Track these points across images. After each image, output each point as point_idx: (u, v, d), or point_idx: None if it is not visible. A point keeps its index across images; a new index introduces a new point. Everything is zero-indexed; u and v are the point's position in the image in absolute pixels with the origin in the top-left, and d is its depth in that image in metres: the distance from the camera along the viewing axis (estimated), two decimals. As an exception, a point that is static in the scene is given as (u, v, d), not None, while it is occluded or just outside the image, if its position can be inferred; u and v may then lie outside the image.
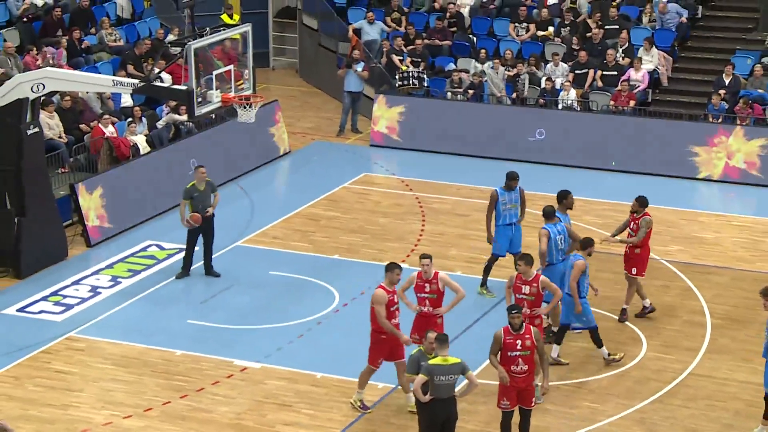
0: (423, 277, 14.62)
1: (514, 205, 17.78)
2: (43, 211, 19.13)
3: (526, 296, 14.67)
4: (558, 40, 26.32)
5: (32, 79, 18.41)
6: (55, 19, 24.88)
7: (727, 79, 24.25)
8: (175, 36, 24.51)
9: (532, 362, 13.29)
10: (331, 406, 14.86)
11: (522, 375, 13.26)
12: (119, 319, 17.36)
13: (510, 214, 17.78)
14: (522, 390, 13.35)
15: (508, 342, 13.23)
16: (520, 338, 13.18)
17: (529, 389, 13.40)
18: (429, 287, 14.60)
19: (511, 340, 13.21)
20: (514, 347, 13.20)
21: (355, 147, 25.33)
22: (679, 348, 16.24)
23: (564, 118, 24.37)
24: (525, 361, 13.23)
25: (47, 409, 14.81)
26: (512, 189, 17.76)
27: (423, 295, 14.66)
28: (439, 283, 14.57)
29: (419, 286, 14.66)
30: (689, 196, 22.45)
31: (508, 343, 13.23)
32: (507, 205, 17.76)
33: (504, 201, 17.73)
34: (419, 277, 14.65)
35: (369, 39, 27.02)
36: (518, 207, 17.80)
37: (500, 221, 17.71)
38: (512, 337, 13.20)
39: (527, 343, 13.18)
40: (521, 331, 13.21)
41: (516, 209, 17.80)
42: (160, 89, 19.51)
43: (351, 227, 20.83)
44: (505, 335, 13.26)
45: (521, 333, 13.20)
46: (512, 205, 17.77)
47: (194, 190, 18.28)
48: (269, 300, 17.95)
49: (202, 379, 15.51)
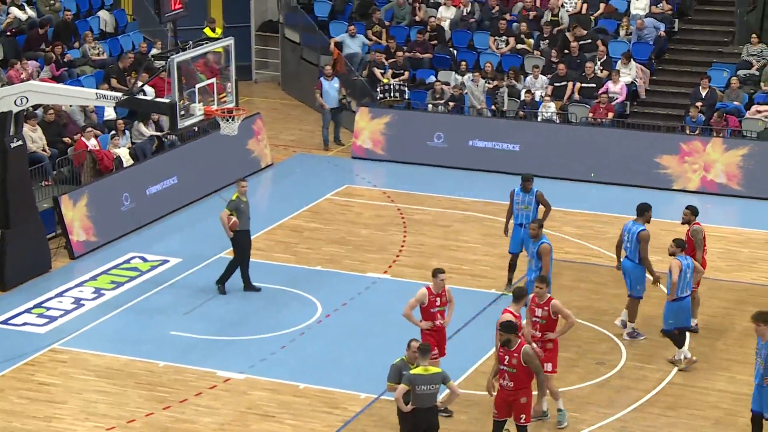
0: (434, 291, 14.70)
1: (527, 207, 18.00)
2: (26, 224, 19.20)
3: (539, 319, 14.52)
4: (537, 53, 26.57)
5: (16, 92, 18.49)
6: (39, 33, 24.95)
7: (704, 92, 24.53)
8: (158, 49, 24.62)
9: (518, 380, 13.30)
10: (313, 417, 14.96)
11: (508, 390, 13.40)
12: (103, 330, 17.43)
13: (522, 214, 18.01)
14: (512, 403, 13.45)
15: (499, 355, 13.45)
16: (508, 354, 13.33)
17: (517, 404, 13.43)
18: (440, 301, 14.75)
19: (501, 353, 13.42)
20: (502, 361, 13.39)
21: (337, 159, 25.48)
22: (659, 357, 16.41)
23: (543, 130, 24.60)
24: (510, 378, 13.31)
25: (31, 421, 14.86)
26: (527, 191, 17.98)
27: (435, 309, 14.75)
28: (448, 295, 14.80)
29: (431, 301, 14.73)
30: (667, 207, 22.63)
31: (499, 356, 13.45)
32: (520, 205, 18.06)
33: (518, 201, 18.05)
34: (430, 292, 14.71)
35: (350, 52, 27.20)
36: (531, 209, 17.98)
37: (515, 221, 18.06)
38: (503, 351, 13.40)
39: (514, 361, 13.26)
40: (511, 349, 13.35)
41: (529, 211, 17.97)
42: (143, 102, 19.62)
43: (333, 238, 20.97)
44: (498, 348, 13.52)
45: (510, 350, 13.34)
46: (525, 206, 18.01)
47: (240, 202, 18.23)
48: (252, 311, 18.05)
49: (185, 390, 15.59)
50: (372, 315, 17.86)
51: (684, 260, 15.95)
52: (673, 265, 15.83)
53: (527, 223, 17.65)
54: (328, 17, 28.90)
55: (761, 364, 13.29)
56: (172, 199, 22.31)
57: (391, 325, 17.29)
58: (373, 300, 18.45)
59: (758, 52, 25.44)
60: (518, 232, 18.09)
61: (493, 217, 21.81)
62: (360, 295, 18.59)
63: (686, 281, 15.91)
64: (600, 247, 20.41)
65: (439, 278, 14.67)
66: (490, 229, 21.24)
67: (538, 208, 18.08)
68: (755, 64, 25.28)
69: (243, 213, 18.23)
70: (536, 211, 18.07)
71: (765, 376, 13.26)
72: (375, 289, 18.88)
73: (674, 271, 15.77)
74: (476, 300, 18.13)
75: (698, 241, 16.93)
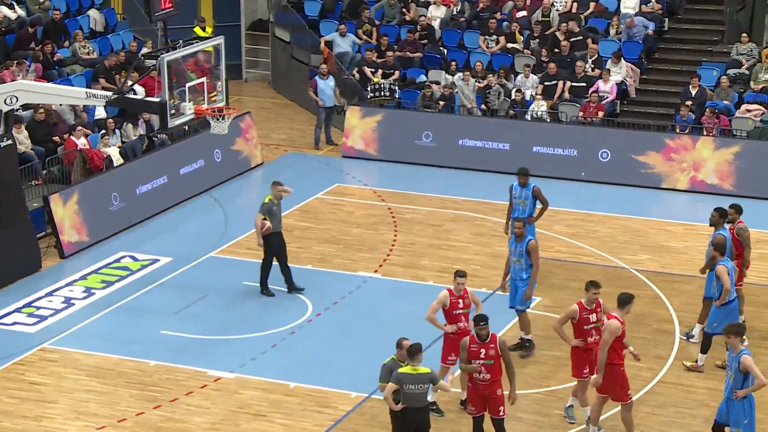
0: (455, 293, 14.71)
1: (524, 202, 18.00)
2: (16, 223, 19.17)
3: (594, 324, 14.34)
4: (527, 52, 26.60)
5: (6, 91, 18.45)
6: (28, 32, 24.90)
7: (694, 91, 24.59)
8: (149, 48, 24.58)
9: (495, 372, 13.43)
10: (304, 416, 14.97)
11: (484, 383, 13.44)
12: (93, 330, 17.40)
13: (519, 209, 18.01)
14: (487, 398, 13.51)
15: (472, 350, 13.44)
16: (484, 347, 13.39)
17: (493, 397, 13.52)
18: (462, 303, 14.75)
19: (475, 348, 13.42)
20: (477, 356, 13.41)
21: (328, 158, 25.48)
22: (649, 356, 16.43)
23: (533, 128, 24.62)
24: (488, 370, 13.40)
25: (21, 420, 14.83)
26: (524, 185, 17.98)
27: (458, 311, 14.74)
28: (471, 297, 14.80)
29: (453, 303, 14.74)
30: (657, 206, 22.73)
31: (472, 352, 13.44)
32: (518, 200, 18.07)
33: (516, 195, 18.07)
34: (452, 294, 14.69)
35: (341, 51, 27.21)
36: (528, 204, 17.97)
37: (513, 215, 17.98)
38: (477, 345, 13.41)
39: (491, 352, 13.37)
40: (486, 341, 13.41)
41: (525, 206, 17.98)
42: (134, 101, 19.59)
43: (324, 237, 20.97)
44: (470, 344, 13.48)
45: (486, 342, 13.41)
46: (522, 201, 18.01)
47: (272, 205, 18.15)
48: (243, 310, 18.05)
49: (176, 390, 15.58)
50: (363, 314, 17.87)
51: (727, 263, 15.80)
52: (720, 271, 15.64)
53: (525, 217, 17.65)
54: (319, 16, 28.92)
55: (731, 376, 13.24)
56: (162, 199, 22.29)
57: (382, 324, 17.32)
58: (363, 299, 18.46)
59: (748, 51, 25.50)
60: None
61: (484, 216, 21.84)
62: (351, 294, 18.59)
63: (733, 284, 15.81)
64: (591, 246, 20.44)
65: (458, 281, 14.66)
66: (481, 228, 21.28)
67: (535, 205, 18.09)
68: (745, 63, 25.34)
69: (275, 216, 18.12)
70: (533, 206, 18.08)
71: (735, 389, 13.21)
72: (366, 288, 18.89)
73: (723, 278, 15.57)
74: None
75: (745, 239, 16.78)
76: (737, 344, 13.20)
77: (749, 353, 13.14)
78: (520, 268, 16.26)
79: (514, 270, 16.26)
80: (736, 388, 13.20)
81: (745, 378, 13.10)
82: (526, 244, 16.14)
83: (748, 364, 13.00)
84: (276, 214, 18.14)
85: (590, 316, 14.27)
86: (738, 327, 13.44)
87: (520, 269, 16.26)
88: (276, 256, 18.27)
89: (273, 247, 18.19)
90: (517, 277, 16.22)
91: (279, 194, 18.25)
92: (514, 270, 16.28)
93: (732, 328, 13.32)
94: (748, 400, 13.20)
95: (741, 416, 13.25)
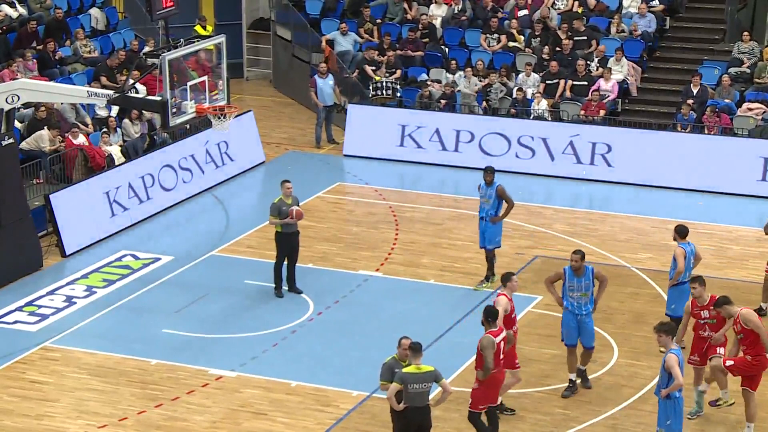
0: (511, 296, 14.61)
1: (487, 200, 18.03)
2: (18, 222, 19.17)
3: (708, 320, 14.60)
4: (529, 50, 26.59)
5: (7, 90, 18.46)
6: (29, 30, 24.91)
7: (695, 89, 24.58)
8: (150, 47, 24.58)
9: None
10: (305, 414, 14.98)
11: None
12: (94, 328, 17.42)
13: (483, 207, 18.07)
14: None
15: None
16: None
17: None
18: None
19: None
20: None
21: (329, 157, 25.48)
22: (650, 354, 16.42)
23: (535, 127, 24.60)
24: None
25: (22, 419, 14.85)
26: (488, 184, 18.01)
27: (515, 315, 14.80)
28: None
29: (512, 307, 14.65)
30: (658, 205, 22.70)
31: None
32: (482, 198, 18.14)
33: (481, 194, 18.12)
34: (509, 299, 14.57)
35: (342, 50, 27.21)
36: (491, 202, 18.00)
37: (479, 213, 18.11)
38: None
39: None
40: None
41: (489, 204, 18.00)
42: (135, 100, 19.59)
43: (325, 236, 20.97)
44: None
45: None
46: (486, 199, 18.05)
47: (282, 204, 18.13)
48: (244, 309, 18.06)
49: (177, 388, 15.59)
50: (364, 313, 17.88)
51: (686, 247, 16.01)
52: (678, 253, 15.91)
53: (487, 217, 17.88)
54: (320, 15, 28.90)
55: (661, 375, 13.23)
56: (163, 197, 22.28)
57: (383, 323, 17.34)
58: (364, 298, 18.47)
59: (749, 49, 25.49)
60: (480, 224, 18.15)
61: (485, 214, 21.84)
62: (352, 293, 18.61)
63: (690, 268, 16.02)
64: (591, 245, 20.44)
65: (513, 281, 14.69)
66: (482, 227, 21.27)
67: (500, 204, 18.05)
68: (746, 62, 25.33)
69: (285, 215, 18.11)
70: (498, 205, 18.04)
71: (661, 387, 13.18)
72: (366, 286, 18.90)
73: (679, 260, 15.83)
74: (468, 298, 18.15)
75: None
76: (668, 342, 13.15)
77: (677, 352, 13.07)
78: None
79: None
80: (662, 387, 13.17)
81: (670, 377, 13.05)
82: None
83: (671, 364, 12.96)
84: (286, 213, 18.16)
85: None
86: (668, 326, 13.39)
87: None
88: (287, 256, 18.28)
89: (285, 248, 18.21)
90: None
91: (288, 192, 18.26)
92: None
93: (663, 326, 13.31)
94: (672, 401, 13.11)
95: (663, 416, 13.20)
